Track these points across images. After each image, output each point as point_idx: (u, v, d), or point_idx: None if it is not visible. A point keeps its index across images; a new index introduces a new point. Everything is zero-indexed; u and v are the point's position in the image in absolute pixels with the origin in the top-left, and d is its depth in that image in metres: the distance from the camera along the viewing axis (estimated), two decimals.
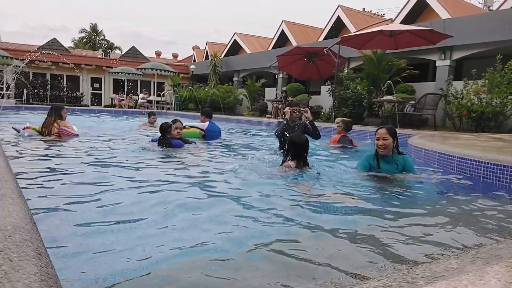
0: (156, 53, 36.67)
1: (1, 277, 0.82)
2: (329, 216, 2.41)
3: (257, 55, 20.40)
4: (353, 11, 19.75)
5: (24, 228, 1.12)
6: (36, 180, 3.06)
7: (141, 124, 9.16)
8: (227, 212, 2.40)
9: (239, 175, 3.55)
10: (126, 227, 2.08)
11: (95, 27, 43.45)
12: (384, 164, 3.61)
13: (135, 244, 1.83)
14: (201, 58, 29.00)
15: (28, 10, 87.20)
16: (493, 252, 1.36)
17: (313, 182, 3.33)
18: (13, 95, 18.77)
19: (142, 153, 4.83)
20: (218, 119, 12.47)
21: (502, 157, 3.35)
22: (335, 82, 11.22)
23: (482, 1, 23.11)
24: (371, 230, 2.15)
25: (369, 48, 11.12)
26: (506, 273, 1.11)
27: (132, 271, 1.56)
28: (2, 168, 1.97)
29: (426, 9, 15.50)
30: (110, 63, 23.89)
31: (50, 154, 4.45)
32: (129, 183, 3.12)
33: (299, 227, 2.17)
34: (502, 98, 8.49)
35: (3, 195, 1.42)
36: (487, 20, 10.88)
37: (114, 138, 6.69)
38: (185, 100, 18.90)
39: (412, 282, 1.07)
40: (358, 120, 11.05)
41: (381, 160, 3.62)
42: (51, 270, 0.96)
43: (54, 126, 6.09)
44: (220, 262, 1.67)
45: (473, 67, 9.33)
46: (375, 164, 3.62)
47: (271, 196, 2.85)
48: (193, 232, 2.04)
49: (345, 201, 2.76)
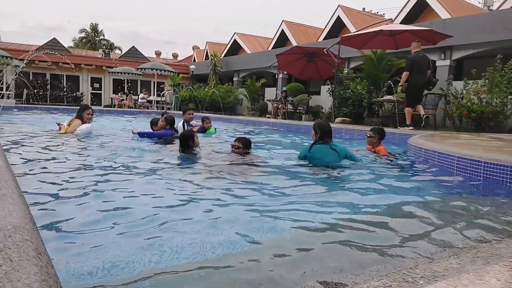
0: (156, 53, 36.68)
1: (2, 276, 0.82)
2: (328, 216, 2.41)
3: (257, 55, 20.40)
4: (353, 11, 19.76)
5: (24, 228, 1.12)
6: (36, 180, 3.06)
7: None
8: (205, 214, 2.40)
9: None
10: (126, 227, 2.08)
11: (95, 27, 43.47)
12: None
13: (135, 244, 1.83)
14: (201, 58, 29.00)
15: (26, 10, 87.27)
16: (493, 252, 1.37)
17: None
18: (13, 95, 18.76)
19: (141, 153, 4.84)
20: (218, 119, 12.48)
21: (502, 157, 3.35)
22: (335, 82, 11.22)
23: (482, 1, 23.11)
24: (371, 229, 2.15)
25: (369, 48, 11.12)
26: (506, 273, 1.11)
27: (133, 271, 1.56)
28: (2, 168, 1.97)
29: (426, 9, 15.51)
30: (110, 63, 23.88)
31: (51, 154, 4.45)
32: (129, 183, 3.12)
33: (298, 227, 2.17)
34: (502, 98, 8.48)
35: (3, 195, 1.42)
36: (487, 20, 10.88)
37: (117, 138, 6.69)
38: (185, 100, 18.91)
39: (412, 282, 1.07)
40: (358, 120, 11.05)
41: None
42: (51, 269, 0.96)
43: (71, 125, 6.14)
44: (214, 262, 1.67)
45: (473, 67, 9.33)
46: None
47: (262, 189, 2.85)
48: (193, 232, 2.04)
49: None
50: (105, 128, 8.29)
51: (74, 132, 6.17)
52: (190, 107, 8.45)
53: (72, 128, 6.18)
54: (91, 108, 6.71)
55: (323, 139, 4.30)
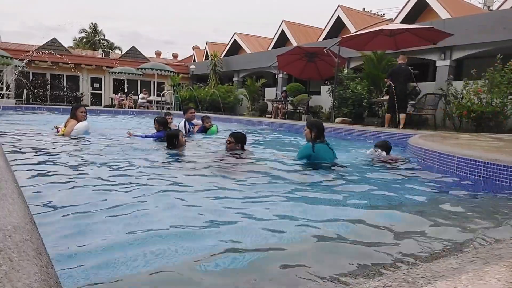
0: (156, 53, 36.67)
1: (2, 276, 0.82)
2: (327, 215, 2.41)
3: (257, 55, 20.40)
4: (353, 11, 19.75)
5: (24, 228, 1.12)
6: (36, 180, 3.06)
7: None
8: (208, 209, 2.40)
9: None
10: (126, 226, 2.08)
11: (95, 27, 43.47)
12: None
13: (136, 244, 1.83)
14: (201, 58, 28.99)
15: (26, 10, 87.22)
16: (493, 252, 1.36)
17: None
18: (13, 95, 18.76)
19: (141, 152, 4.83)
20: (218, 119, 12.48)
21: (502, 157, 3.35)
22: (335, 82, 11.22)
23: (482, 1, 23.11)
24: (370, 230, 2.15)
25: (369, 49, 11.12)
26: (506, 273, 1.11)
27: (133, 271, 1.56)
28: (2, 168, 1.97)
29: (426, 9, 15.50)
30: (110, 63, 23.88)
31: (51, 154, 4.45)
32: (129, 183, 3.12)
33: (297, 227, 2.17)
34: (502, 98, 8.48)
35: (3, 195, 1.42)
36: (487, 20, 10.88)
37: (119, 138, 6.68)
38: (185, 100, 18.92)
39: (412, 282, 1.07)
40: (358, 120, 11.05)
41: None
42: (51, 270, 0.96)
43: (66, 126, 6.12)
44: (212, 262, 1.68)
45: (473, 67, 9.32)
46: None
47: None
48: (194, 232, 2.04)
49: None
50: (104, 128, 8.30)
51: (72, 132, 6.15)
52: (191, 106, 8.42)
53: (68, 129, 6.15)
54: (83, 105, 6.74)
55: (320, 138, 4.27)
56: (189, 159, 4.55)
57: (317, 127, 4.29)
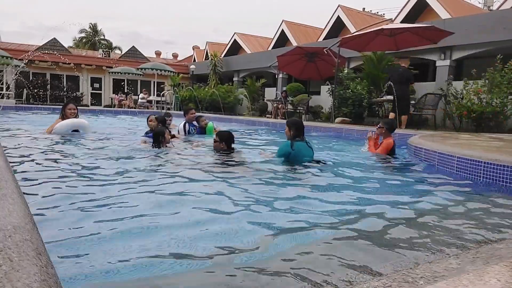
0: (156, 53, 36.67)
1: (1, 276, 0.82)
2: (327, 215, 2.41)
3: (257, 55, 20.40)
4: (353, 11, 19.75)
5: (24, 228, 1.12)
6: (36, 180, 3.06)
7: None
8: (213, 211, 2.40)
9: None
10: (126, 226, 2.08)
11: (95, 27, 43.45)
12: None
13: (136, 244, 1.83)
14: (201, 58, 28.99)
15: (26, 10, 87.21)
16: (493, 252, 1.37)
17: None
18: (13, 95, 18.76)
19: (140, 152, 4.83)
20: (218, 119, 12.48)
21: (502, 157, 3.35)
22: (335, 82, 11.22)
23: (482, 1, 23.11)
24: (370, 230, 2.15)
25: (369, 50, 11.12)
26: (506, 273, 1.11)
27: (133, 271, 1.56)
28: (2, 168, 1.97)
29: (426, 9, 15.50)
30: (110, 63, 23.88)
31: (51, 154, 4.45)
32: (130, 183, 3.12)
33: (295, 227, 2.17)
34: (502, 98, 8.48)
35: (3, 195, 1.42)
36: (487, 20, 10.87)
37: (119, 137, 6.67)
38: (185, 100, 18.92)
39: (412, 282, 1.07)
40: (358, 120, 11.05)
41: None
42: (51, 270, 0.96)
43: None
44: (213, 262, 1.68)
45: (473, 67, 9.32)
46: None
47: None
48: (193, 233, 2.04)
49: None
50: (101, 127, 8.30)
51: (52, 131, 6.12)
52: (191, 107, 8.38)
53: (49, 128, 6.17)
54: (73, 103, 6.73)
55: (299, 136, 4.33)
56: (172, 158, 4.52)
57: (295, 126, 4.37)
